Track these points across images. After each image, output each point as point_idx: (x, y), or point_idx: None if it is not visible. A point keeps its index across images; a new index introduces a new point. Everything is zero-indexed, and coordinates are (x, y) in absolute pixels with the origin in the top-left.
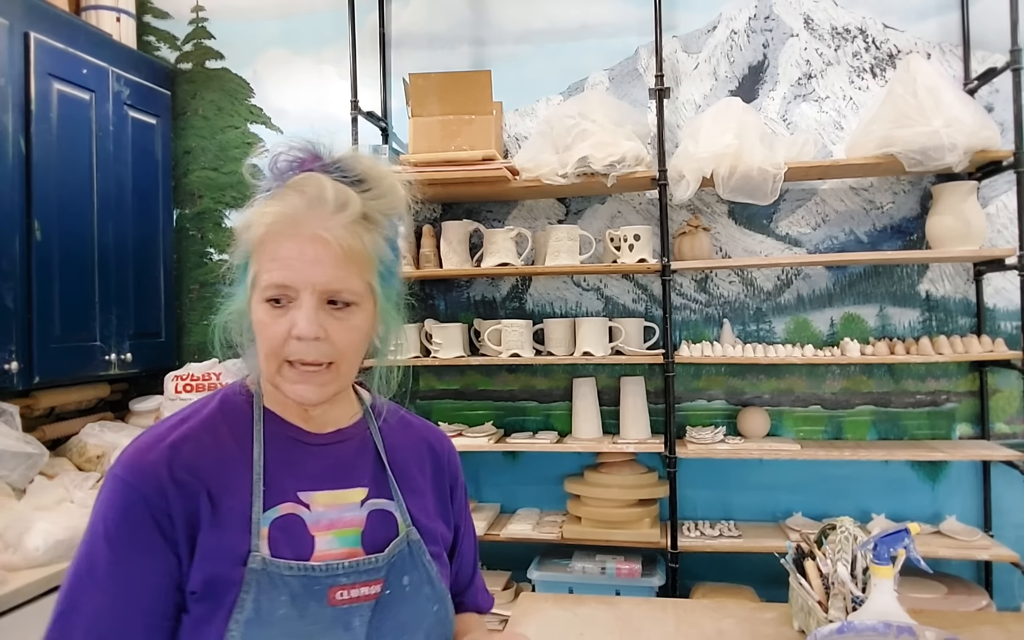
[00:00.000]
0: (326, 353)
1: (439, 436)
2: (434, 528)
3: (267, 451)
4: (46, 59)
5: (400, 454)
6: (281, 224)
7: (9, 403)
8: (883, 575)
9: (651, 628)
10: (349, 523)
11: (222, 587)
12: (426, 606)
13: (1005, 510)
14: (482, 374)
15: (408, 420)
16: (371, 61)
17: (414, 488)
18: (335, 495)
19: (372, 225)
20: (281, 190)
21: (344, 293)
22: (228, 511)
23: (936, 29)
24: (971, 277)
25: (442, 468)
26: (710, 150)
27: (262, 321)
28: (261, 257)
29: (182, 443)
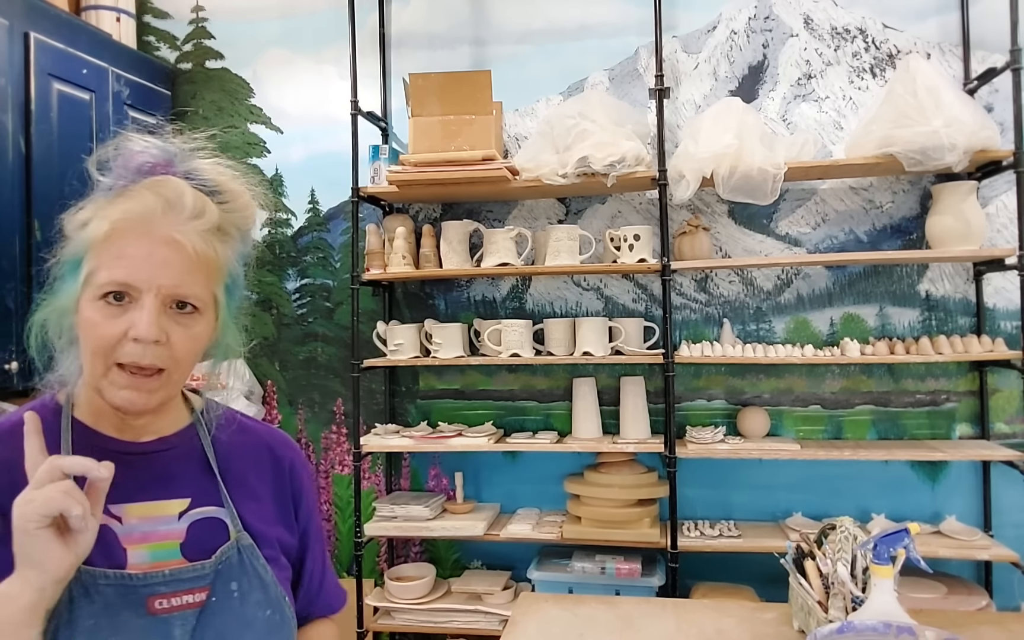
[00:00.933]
0: (162, 358)
1: (283, 441)
2: (270, 533)
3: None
4: (46, 59)
5: (235, 460)
6: (131, 222)
7: (9, 403)
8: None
9: (651, 628)
10: (165, 536)
11: None
12: (256, 612)
13: (1005, 510)
14: (482, 374)
15: (247, 425)
16: (371, 61)
17: (250, 493)
18: (150, 507)
19: (225, 237)
20: (132, 189)
21: (190, 298)
22: None
23: (936, 29)
24: (971, 277)
25: (283, 473)
26: (710, 150)
27: (92, 320)
28: (103, 254)
29: None
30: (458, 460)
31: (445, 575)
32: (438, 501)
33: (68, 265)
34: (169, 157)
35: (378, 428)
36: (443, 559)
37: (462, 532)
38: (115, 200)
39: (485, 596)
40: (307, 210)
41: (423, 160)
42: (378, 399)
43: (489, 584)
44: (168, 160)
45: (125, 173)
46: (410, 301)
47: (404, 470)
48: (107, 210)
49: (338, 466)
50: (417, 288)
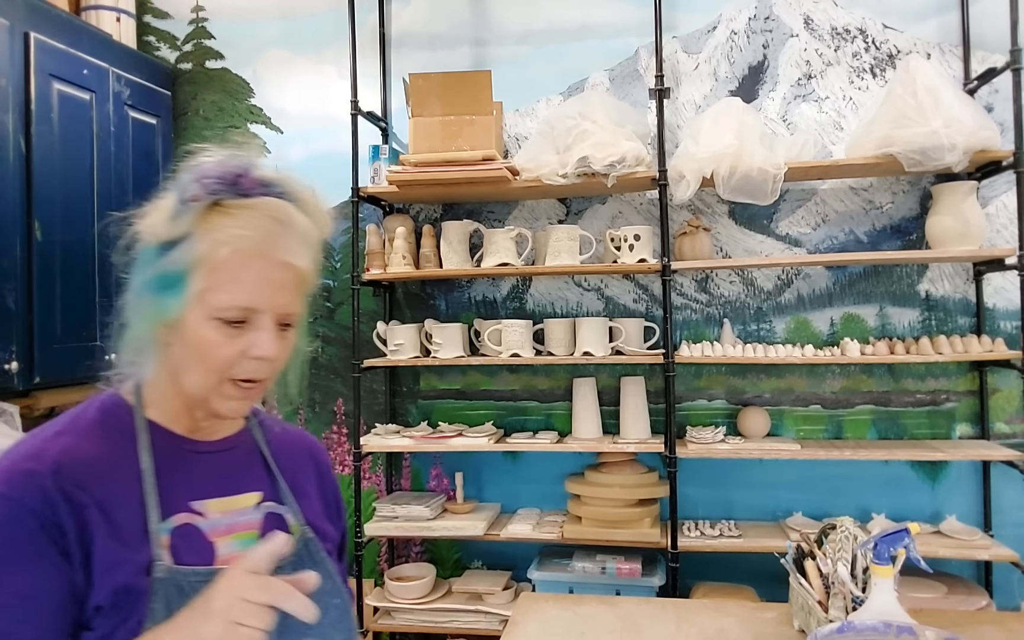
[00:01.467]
0: (267, 371)
1: (318, 447)
2: (324, 528)
3: (158, 460)
4: (46, 59)
5: (286, 460)
6: (250, 245)
7: (9, 403)
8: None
9: (651, 628)
10: (247, 526)
11: (131, 598)
12: (327, 600)
13: (1005, 510)
14: (483, 374)
15: (288, 429)
16: (371, 61)
17: (303, 492)
18: (228, 502)
19: (315, 250)
20: (241, 210)
21: (295, 316)
22: (123, 522)
23: (936, 29)
24: (971, 277)
25: (324, 475)
26: (710, 150)
27: (210, 340)
28: (219, 275)
29: (64, 454)
30: (459, 460)
31: (446, 575)
32: (438, 501)
33: (165, 279)
34: (246, 164)
35: (379, 428)
36: (444, 559)
37: (463, 532)
38: (218, 217)
39: (486, 596)
40: None
41: (423, 160)
42: (379, 399)
43: (490, 584)
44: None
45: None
46: (410, 301)
47: (405, 470)
48: (214, 227)
49: (339, 466)
50: (417, 288)
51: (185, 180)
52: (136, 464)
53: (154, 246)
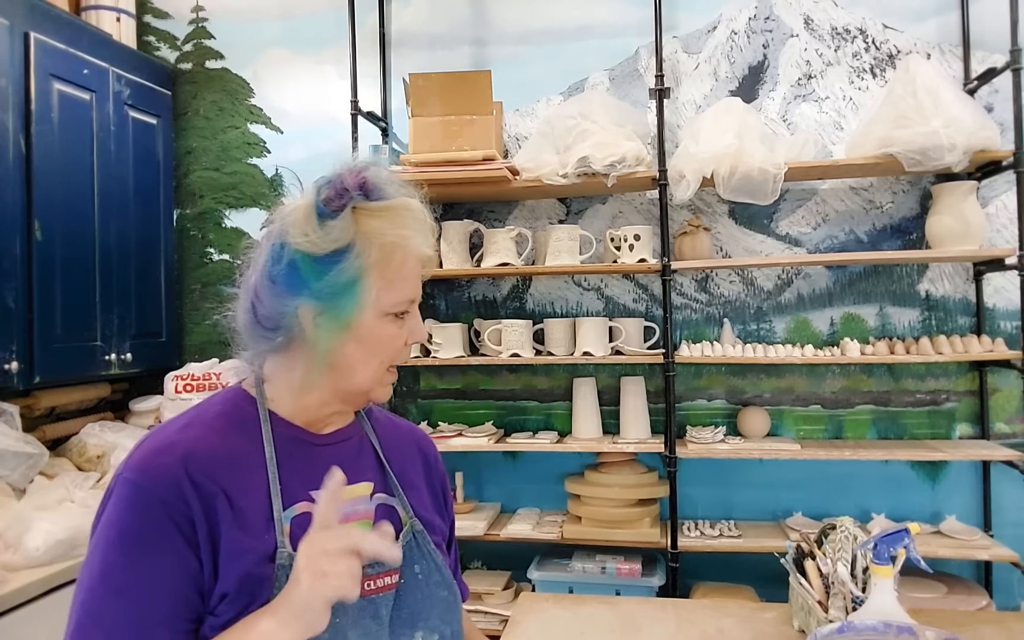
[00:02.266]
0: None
1: (425, 438)
2: (433, 520)
3: (279, 451)
4: (46, 59)
5: (395, 452)
6: (405, 244)
7: (9, 403)
8: (883, 575)
9: (651, 628)
10: (363, 515)
11: (255, 584)
12: (436, 592)
13: (1005, 510)
14: (482, 374)
15: (396, 422)
16: (371, 61)
17: (411, 484)
18: (346, 490)
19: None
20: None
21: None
22: (247, 511)
23: (936, 29)
24: (971, 277)
25: (431, 467)
26: (710, 150)
27: (389, 334)
28: (384, 275)
29: (194, 445)
30: (458, 460)
31: None
32: None
33: (341, 284)
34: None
35: None
36: None
37: (462, 532)
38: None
39: (485, 596)
40: None
41: (423, 160)
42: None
43: (489, 584)
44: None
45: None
46: None
47: None
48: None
49: None
50: None
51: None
52: (260, 455)
53: (312, 255)
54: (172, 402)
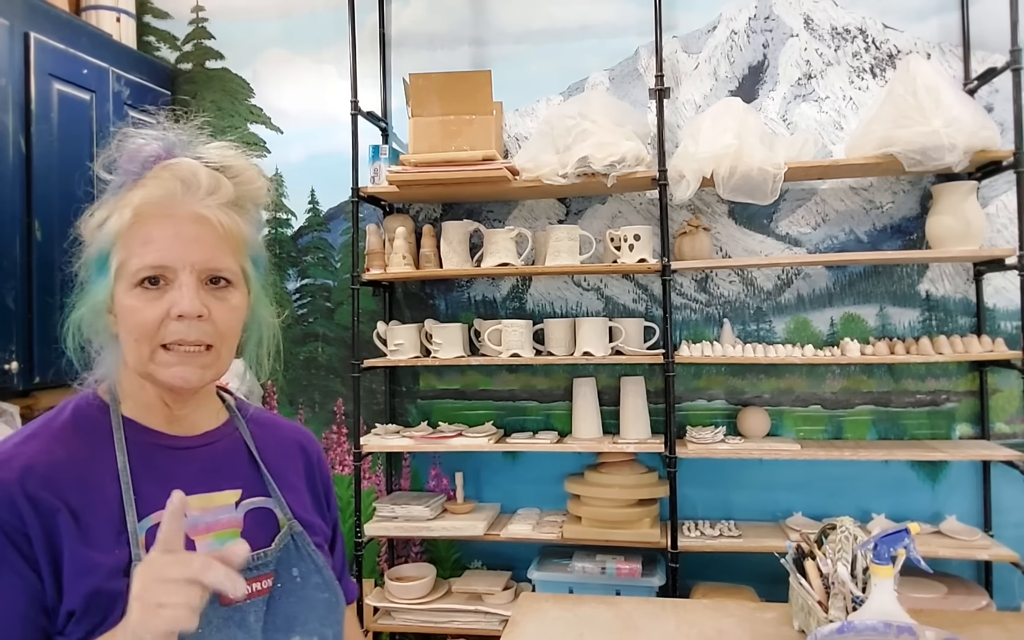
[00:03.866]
0: (208, 333)
1: (308, 436)
2: (313, 521)
3: (132, 459)
4: (46, 59)
5: (272, 453)
6: (153, 206)
7: (9, 403)
8: (883, 575)
9: (651, 628)
10: (227, 524)
11: (106, 601)
12: (316, 595)
13: (1005, 510)
14: (482, 374)
15: (276, 421)
16: (371, 61)
17: (289, 484)
18: (208, 498)
19: (242, 210)
20: (143, 177)
21: (224, 271)
22: (96, 524)
23: (936, 29)
24: (971, 277)
25: (313, 467)
26: (710, 150)
27: (132, 307)
28: (130, 243)
29: (33, 458)
30: (458, 460)
31: (445, 575)
32: (438, 501)
33: (95, 264)
34: (171, 145)
35: (378, 428)
36: (443, 559)
37: (462, 532)
38: (129, 192)
39: (485, 596)
40: (307, 210)
41: (423, 160)
42: (378, 399)
43: (489, 584)
44: (170, 148)
45: (132, 167)
46: (410, 301)
47: (404, 470)
48: (124, 201)
49: (338, 466)
50: (417, 288)
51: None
52: (112, 463)
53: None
54: None
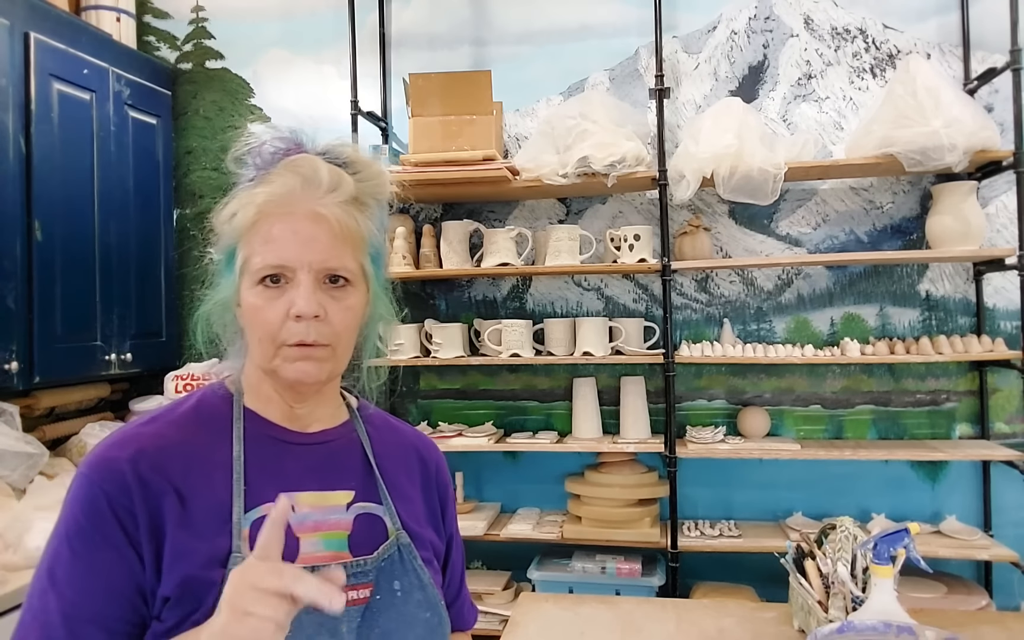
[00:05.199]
0: (324, 334)
1: (428, 444)
2: (424, 534)
3: (247, 450)
4: (46, 59)
5: (388, 459)
6: (274, 204)
7: (9, 403)
8: (883, 575)
9: (651, 628)
10: (335, 526)
11: (200, 589)
12: (417, 613)
13: (1005, 510)
14: (483, 374)
15: (396, 425)
16: (371, 61)
17: (403, 493)
18: (320, 497)
19: (363, 207)
20: (269, 174)
21: (341, 271)
22: (201, 511)
23: (936, 29)
24: (971, 277)
25: (430, 477)
26: (710, 150)
27: (255, 306)
28: (253, 240)
29: (149, 441)
30: (459, 460)
31: None
32: None
33: (224, 258)
34: (299, 138)
35: None
36: None
37: (462, 532)
38: (256, 187)
39: (485, 596)
40: None
41: (423, 160)
42: (378, 399)
43: (489, 584)
44: (299, 142)
45: (260, 161)
46: (410, 301)
47: None
48: (250, 197)
49: None
50: (417, 288)
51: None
52: (227, 453)
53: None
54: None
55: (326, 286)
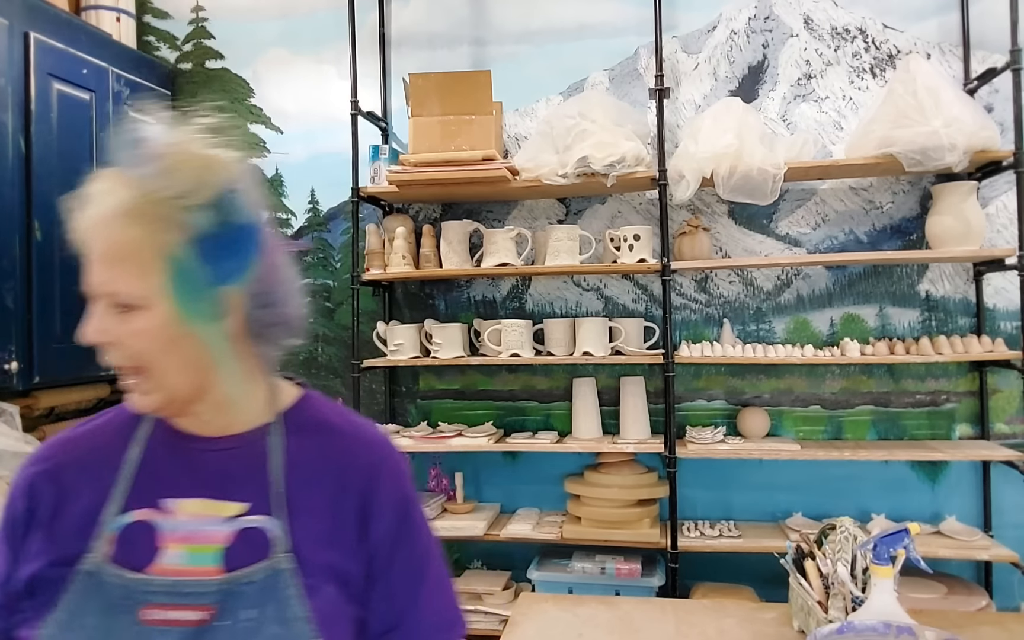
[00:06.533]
0: (124, 358)
1: (370, 451)
2: (318, 558)
3: (147, 455)
4: (46, 59)
5: (302, 469)
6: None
7: (9, 403)
8: (883, 575)
9: (651, 628)
10: (208, 538)
11: (47, 587)
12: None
13: (1005, 510)
14: (482, 374)
15: (334, 428)
16: (371, 61)
17: (306, 509)
18: (206, 505)
19: (153, 218)
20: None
21: (120, 296)
22: (74, 514)
23: (936, 29)
24: (971, 277)
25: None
26: (710, 150)
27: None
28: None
29: (51, 447)
30: (458, 460)
31: None
32: (438, 501)
33: None
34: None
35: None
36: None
37: (462, 532)
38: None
39: (485, 596)
40: (307, 210)
41: (423, 160)
42: (378, 399)
43: (489, 584)
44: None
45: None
46: (410, 301)
47: None
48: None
49: None
50: (417, 288)
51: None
52: (121, 456)
53: None
54: None
55: (117, 309)
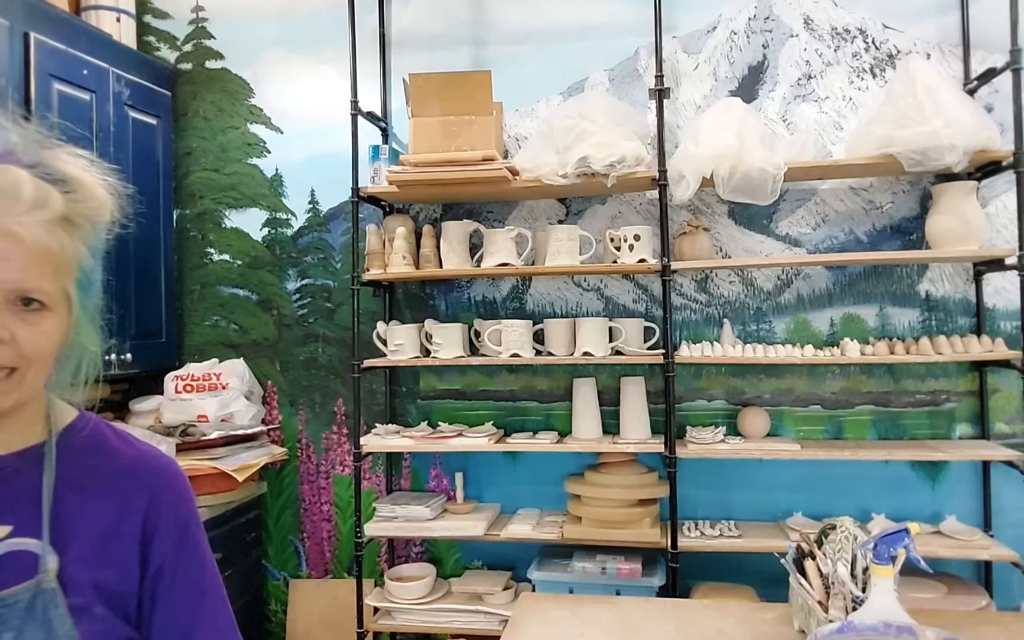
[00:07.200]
0: (9, 358)
1: (150, 470)
2: (86, 577)
3: None
4: (46, 59)
5: (75, 489)
6: None
7: None
8: (883, 575)
9: (651, 628)
10: None
11: None
12: None
13: (1005, 510)
14: (482, 374)
15: (112, 448)
16: (371, 61)
17: (78, 530)
18: None
19: (73, 228)
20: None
21: (36, 293)
22: None
23: (936, 29)
24: (971, 277)
25: (130, 508)
26: (710, 150)
27: None
28: None
29: None
30: (458, 460)
31: (446, 575)
32: (439, 501)
33: None
34: (10, 147)
35: (378, 428)
36: (444, 559)
37: (463, 532)
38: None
39: (485, 596)
40: (307, 210)
41: (423, 160)
42: (378, 399)
43: (490, 584)
44: (10, 150)
45: None
46: (410, 301)
47: (404, 470)
48: None
49: (339, 466)
50: (417, 288)
51: None
52: None
53: None
54: (172, 402)
55: (17, 308)
